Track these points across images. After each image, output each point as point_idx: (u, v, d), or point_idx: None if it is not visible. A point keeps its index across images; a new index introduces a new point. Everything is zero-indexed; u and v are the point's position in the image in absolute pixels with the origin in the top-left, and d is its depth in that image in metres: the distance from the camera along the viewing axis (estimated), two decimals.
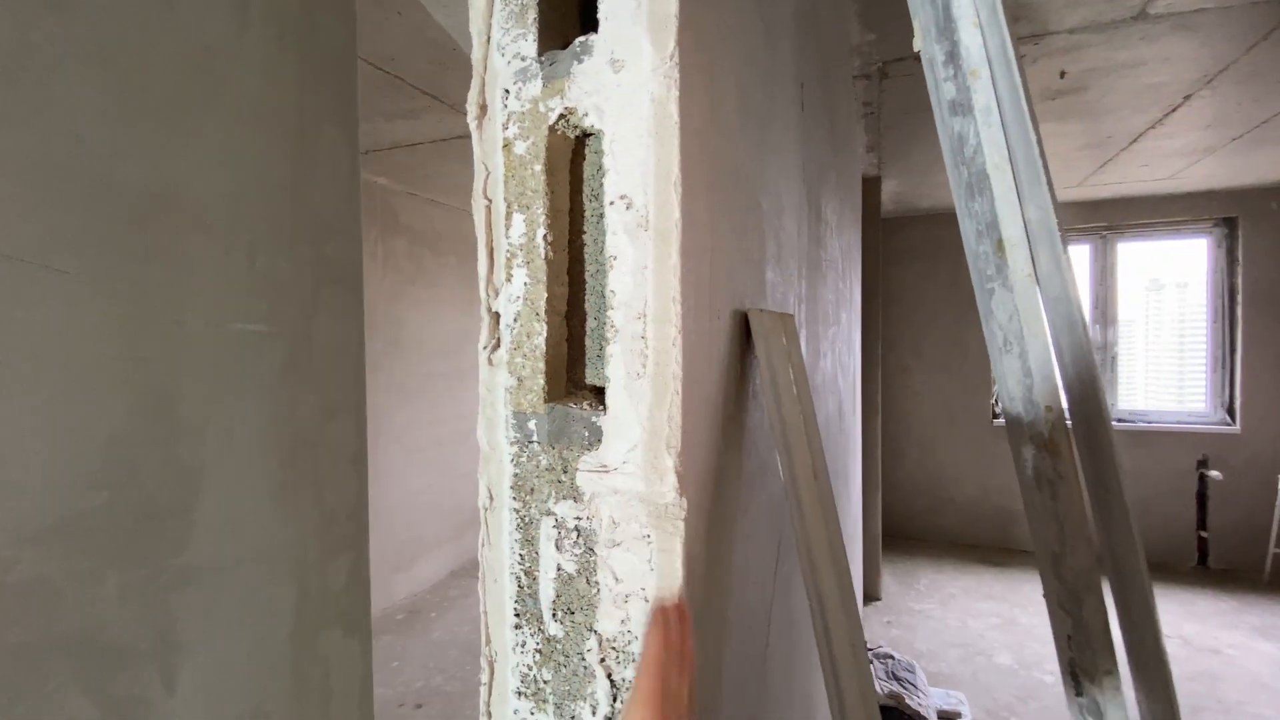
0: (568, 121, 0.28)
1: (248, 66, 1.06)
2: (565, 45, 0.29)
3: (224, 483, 1.03)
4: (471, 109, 0.30)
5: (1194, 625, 2.95)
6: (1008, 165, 0.44)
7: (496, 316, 0.30)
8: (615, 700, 0.28)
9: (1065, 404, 0.44)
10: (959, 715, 1.91)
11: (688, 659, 0.26)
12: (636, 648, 0.28)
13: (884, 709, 1.81)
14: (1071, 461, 0.47)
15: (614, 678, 0.28)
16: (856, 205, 2.47)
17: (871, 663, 2.03)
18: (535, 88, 0.29)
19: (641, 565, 0.28)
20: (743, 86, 0.39)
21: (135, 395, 0.91)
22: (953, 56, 0.46)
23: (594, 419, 0.28)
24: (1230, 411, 3.62)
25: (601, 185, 0.28)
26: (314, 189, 1.19)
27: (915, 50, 0.55)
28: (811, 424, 0.42)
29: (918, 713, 1.79)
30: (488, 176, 0.30)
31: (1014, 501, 3.95)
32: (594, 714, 0.28)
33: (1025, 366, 0.46)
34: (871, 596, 3.24)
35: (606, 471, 0.28)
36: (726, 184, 0.35)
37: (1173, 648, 2.75)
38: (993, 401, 4.03)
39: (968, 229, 0.47)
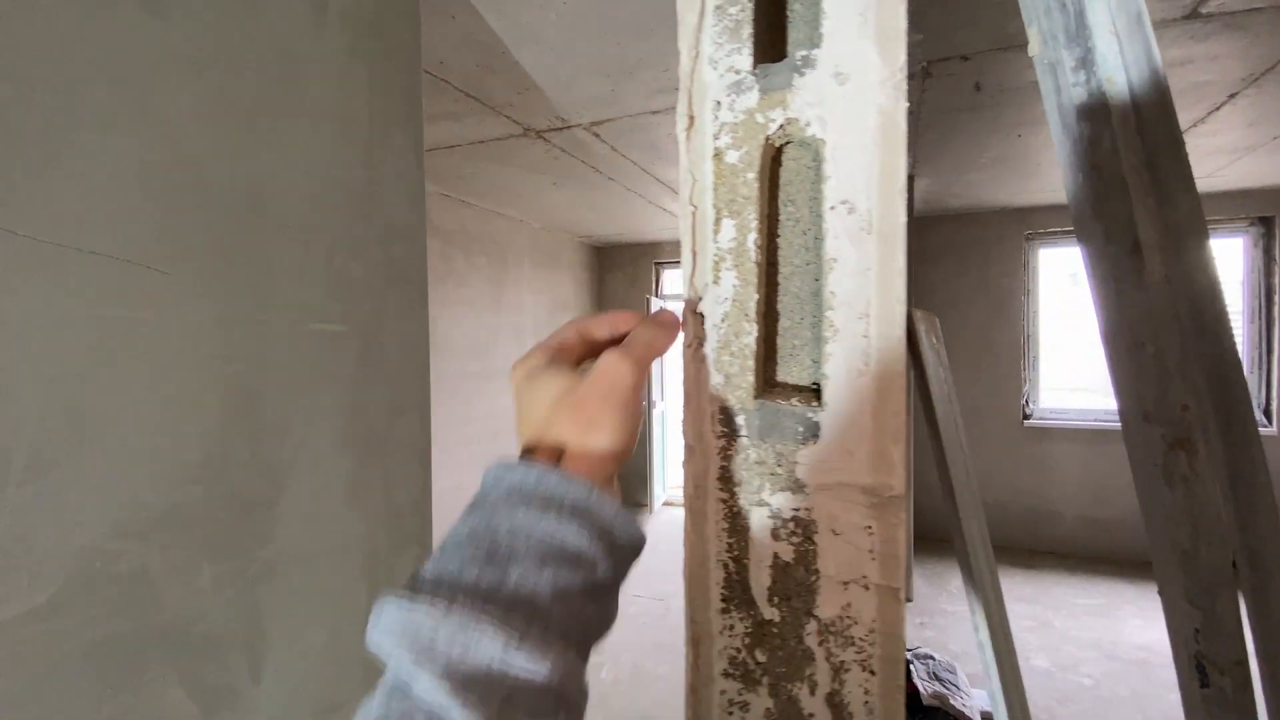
0: (785, 131, 0.30)
1: (324, 72, 1.09)
2: (775, 59, 0.30)
3: (304, 477, 1.06)
4: (681, 120, 0.32)
5: None
6: (1145, 169, 0.45)
7: (701, 317, 0.32)
8: (834, 681, 0.30)
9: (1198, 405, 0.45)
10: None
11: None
12: (857, 632, 0.29)
13: (928, 709, 1.81)
14: (1207, 459, 0.47)
15: (833, 660, 0.29)
16: None
17: (912, 663, 2.02)
18: (751, 99, 0.30)
19: (860, 555, 0.29)
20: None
21: (226, 393, 0.94)
22: (1084, 62, 0.47)
23: (809, 414, 0.30)
24: (1268, 413, 3.56)
25: (822, 190, 0.29)
26: (384, 192, 1.21)
27: (1031, 55, 0.55)
28: (958, 423, 0.44)
29: (962, 713, 1.78)
30: (694, 184, 0.32)
31: (1043, 503, 3.92)
32: (813, 694, 0.29)
33: (1162, 366, 0.47)
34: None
35: (825, 464, 0.29)
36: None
37: None
38: (1023, 403, 3.99)
39: (1095, 231, 0.48)
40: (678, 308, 0.32)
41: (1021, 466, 3.95)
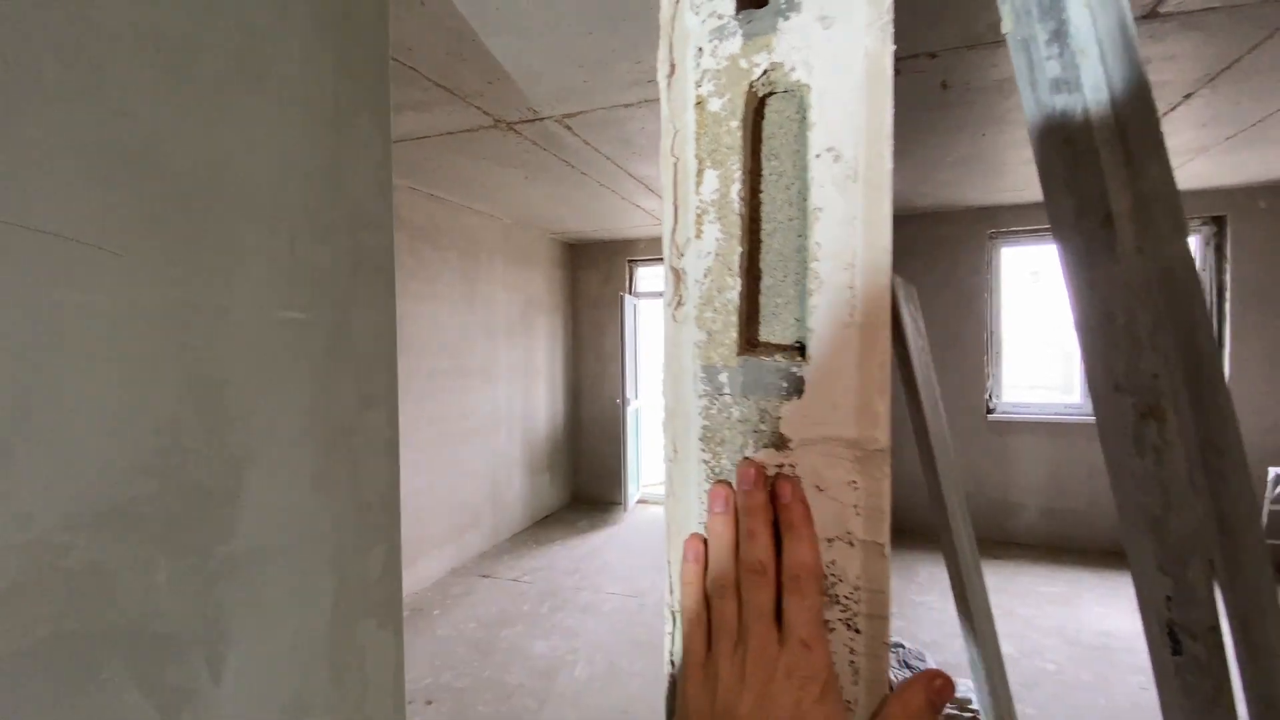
0: (769, 77, 0.29)
1: (288, 52, 1.05)
2: (759, 4, 0.30)
3: (268, 470, 1.02)
4: (662, 67, 0.31)
5: None
6: (1118, 140, 0.46)
7: (680, 274, 0.31)
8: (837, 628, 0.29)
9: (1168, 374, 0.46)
10: (969, 701, 1.94)
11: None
12: (841, 590, 0.29)
13: None
14: (1178, 428, 0.48)
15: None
16: None
17: None
18: (734, 45, 0.29)
19: (845, 511, 0.28)
20: None
21: (184, 382, 0.90)
22: (1058, 35, 0.48)
23: (793, 369, 0.29)
24: None
25: (807, 138, 0.28)
26: (349, 177, 1.18)
27: (1004, 32, 0.56)
28: (935, 388, 0.43)
29: None
30: (675, 134, 0.31)
31: (1007, 495, 4.01)
32: None
33: (1133, 336, 0.47)
34: None
35: (810, 419, 0.29)
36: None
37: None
38: (987, 397, 4.08)
39: (1066, 206, 0.49)
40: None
41: (986, 459, 4.04)
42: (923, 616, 3.03)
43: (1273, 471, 3.33)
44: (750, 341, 0.32)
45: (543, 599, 3.36)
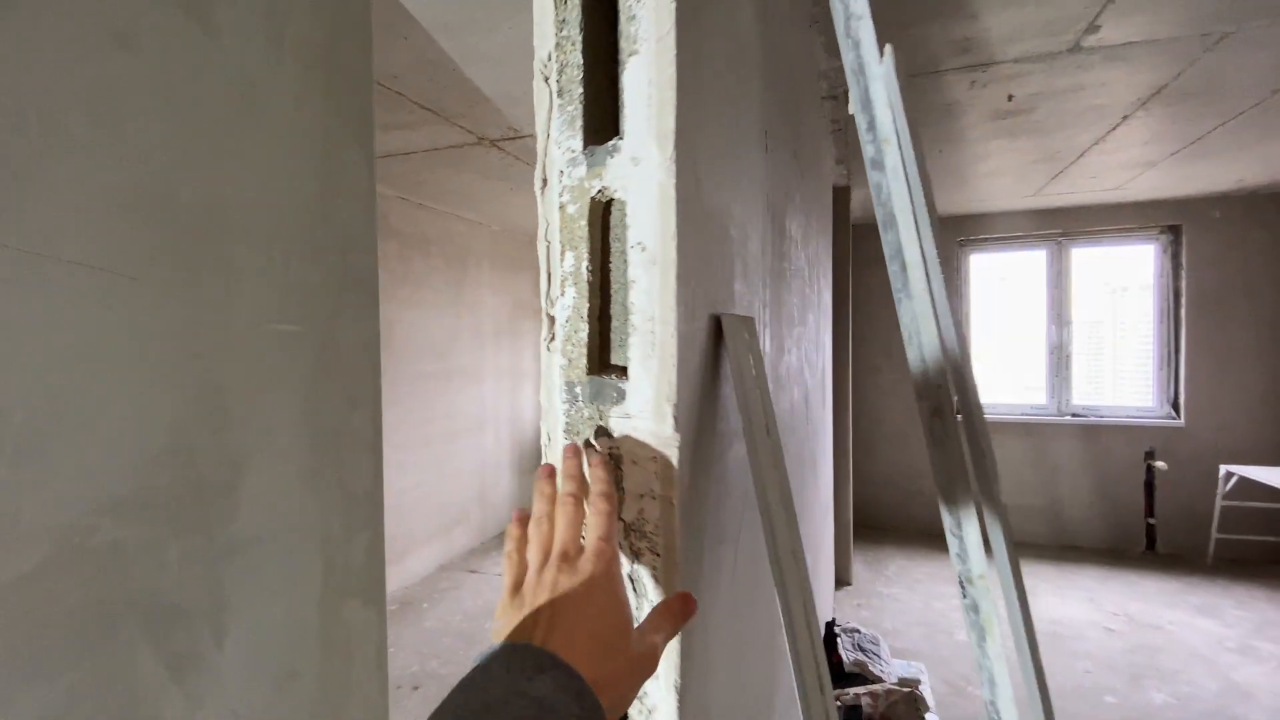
0: (603, 194, 0.44)
1: (282, 94, 1.20)
2: (600, 143, 0.44)
3: (264, 465, 1.17)
4: (537, 182, 0.45)
5: (1139, 604, 3.18)
6: (910, 209, 0.60)
7: (552, 319, 0.46)
8: (633, 562, 0.44)
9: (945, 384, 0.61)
10: (919, 682, 2.09)
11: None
12: (647, 528, 0.43)
13: (849, 675, 1.99)
14: (955, 424, 0.63)
15: (635, 544, 0.44)
16: (825, 215, 2.66)
17: (839, 636, 2.20)
18: (581, 171, 0.44)
19: (650, 476, 0.43)
20: (716, 158, 0.56)
21: (192, 388, 1.05)
22: (872, 126, 0.62)
23: (620, 385, 0.44)
24: (1175, 406, 3.88)
25: (626, 235, 0.43)
26: (338, 204, 1.33)
27: (850, 113, 0.71)
28: (765, 395, 0.58)
29: (879, 677, 1.96)
30: (547, 226, 0.45)
31: None
32: (627, 581, 0.43)
33: (922, 355, 0.62)
34: (843, 581, 3.43)
35: (629, 417, 0.43)
36: (705, 228, 0.51)
37: (1117, 624, 2.98)
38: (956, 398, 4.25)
39: (886, 252, 0.63)
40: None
41: None
42: (887, 606, 3.19)
43: (1223, 469, 3.50)
44: (604, 363, 0.47)
45: None
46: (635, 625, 0.38)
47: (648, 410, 0.42)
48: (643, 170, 0.42)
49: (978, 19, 1.71)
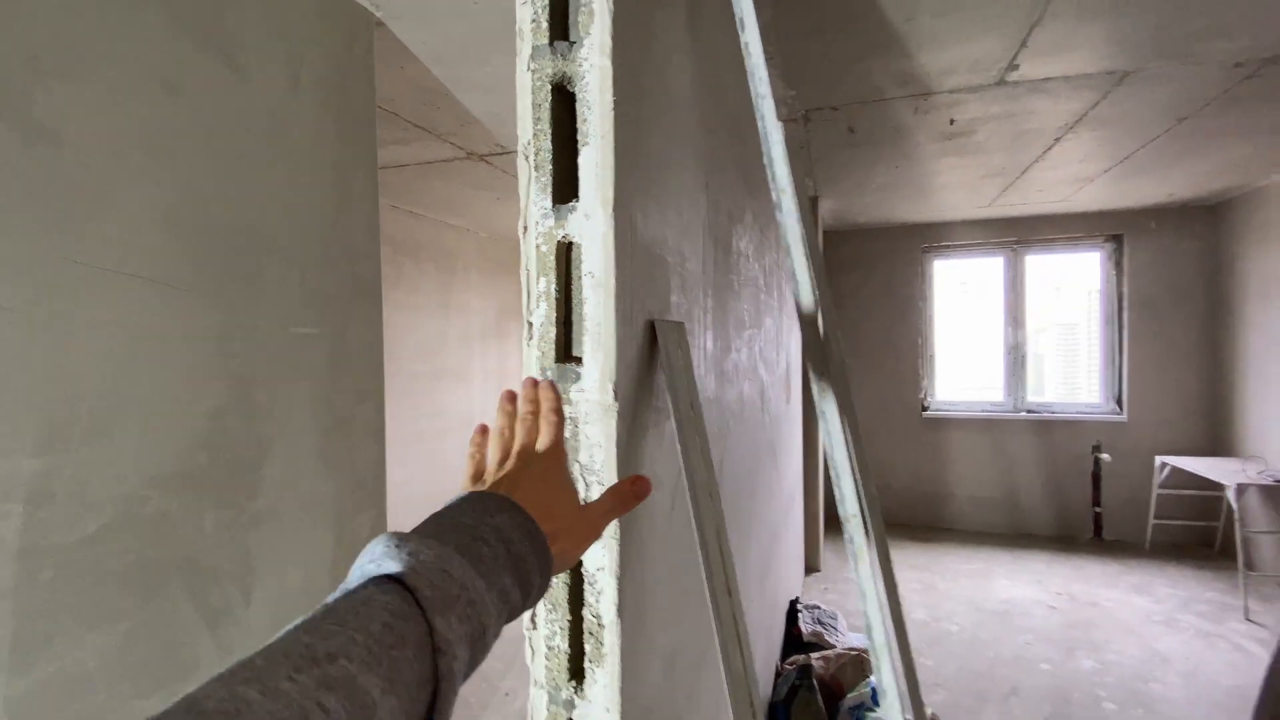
0: (565, 238, 0.64)
1: (301, 127, 1.40)
2: (563, 203, 0.65)
3: (285, 448, 1.37)
4: (521, 229, 0.65)
5: (1081, 585, 3.43)
6: (800, 243, 0.80)
7: (531, 324, 0.66)
8: (585, 492, 0.64)
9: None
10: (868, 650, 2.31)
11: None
12: (596, 466, 0.64)
13: (808, 644, 2.20)
14: (828, 386, 0.84)
15: (586, 479, 0.64)
16: None
17: (800, 611, 2.42)
18: (551, 222, 0.64)
19: (599, 431, 0.63)
20: (652, 207, 0.76)
21: (226, 381, 1.25)
22: (774, 178, 0.83)
23: (578, 369, 0.64)
24: (1119, 402, 4.15)
25: (581, 266, 0.64)
26: (348, 222, 1.53)
27: (765, 163, 0.91)
28: (691, 380, 0.79)
29: (834, 645, 2.18)
30: (528, 259, 0.66)
31: (939, 485, 4.43)
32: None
33: (817, 347, 0.82)
34: (812, 568, 3.65)
35: (583, 391, 0.64)
36: (642, 258, 0.71)
37: (1060, 603, 3.23)
38: (921, 396, 4.50)
39: (790, 270, 0.84)
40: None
41: (921, 453, 4.46)
42: (851, 590, 3.41)
43: (1158, 460, 3.78)
44: (566, 355, 0.67)
45: None
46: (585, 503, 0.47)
47: (595, 386, 0.63)
48: (592, 223, 0.62)
49: (914, 57, 1.94)
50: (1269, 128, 2.55)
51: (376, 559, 0.32)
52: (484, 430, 0.52)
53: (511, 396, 0.53)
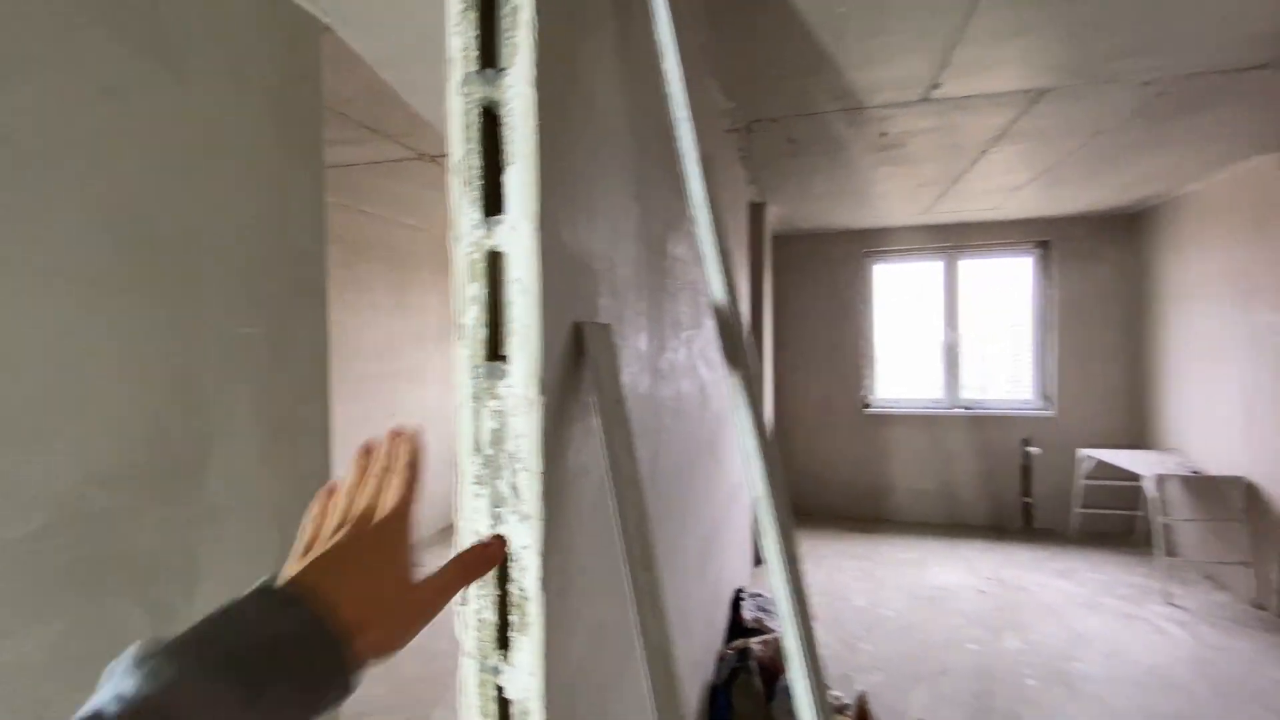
0: (495, 247, 0.70)
1: (244, 131, 1.42)
2: (492, 215, 0.71)
3: (228, 447, 1.39)
4: (451, 238, 0.71)
5: (1011, 570, 3.65)
6: (713, 249, 0.88)
7: (462, 326, 0.72)
8: (513, 478, 0.70)
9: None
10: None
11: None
12: (521, 454, 0.70)
13: (749, 629, 2.30)
14: (746, 358, 0.93)
15: (516, 468, 0.70)
16: (737, 230, 2.99)
17: (744, 599, 2.52)
18: (481, 233, 0.70)
19: (524, 423, 0.70)
20: (579, 218, 0.83)
21: (168, 380, 1.26)
22: (690, 194, 0.90)
23: (506, 367, 0.70)
24: (1048, 399, 4.42)
25: (509, 274, 0.70)
26: (292, 224, 1.55)
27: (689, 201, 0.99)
28: (615, 377, 0.86)
29: (773, 630, 2.28)
30: (459, 267, 0.72)
31: (881, 478, 4.62)
32: (511, 489, 0.70)
33: (729, 339, 0.91)
34: (761, 560, 3.78)
35: (511, 386, 0.70)
36: (568, 266, 0.78)
37: (989, 587, 3.43)
38: (863, 394, 4.69)
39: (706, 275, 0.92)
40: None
41: (863, 448, 4.64)
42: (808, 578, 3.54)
43: (1080, 453, 4.04)
44: (495, 355, 0.73)
45: None
46: (426, 575, 0.44)
47: (521, 382, 0.69)
48: (518, 234, 0.69)
49: (844, 74, 2.05)
50: (1181, 141, 2.77)
51: (120, 673, 0.31)
52: (332, 491, 0.48)
53: (368, 450, 0.50)
